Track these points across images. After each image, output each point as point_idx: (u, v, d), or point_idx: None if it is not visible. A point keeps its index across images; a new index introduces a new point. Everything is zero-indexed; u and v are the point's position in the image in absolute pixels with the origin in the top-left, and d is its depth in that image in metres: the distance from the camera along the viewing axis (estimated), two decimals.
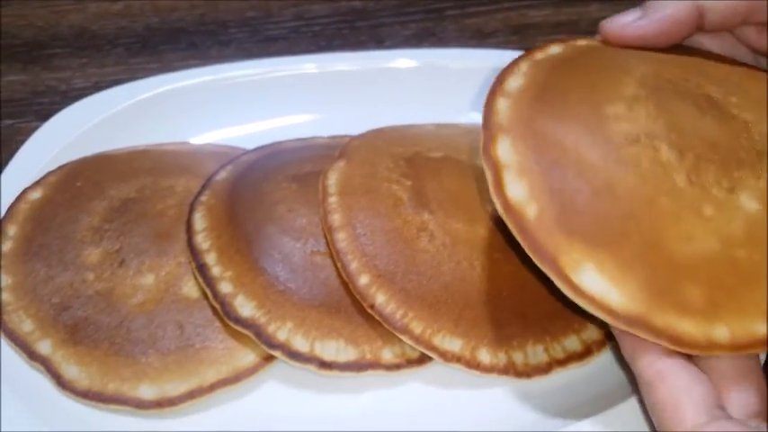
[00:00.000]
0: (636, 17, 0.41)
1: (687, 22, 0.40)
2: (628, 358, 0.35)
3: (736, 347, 0.32)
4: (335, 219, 0.45)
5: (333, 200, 0.46)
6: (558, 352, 0.43)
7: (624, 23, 0.41)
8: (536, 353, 0.43)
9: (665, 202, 0.34)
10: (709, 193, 0.34)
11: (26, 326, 0.44)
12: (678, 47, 0.41)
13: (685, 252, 0.33)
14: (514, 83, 0.39)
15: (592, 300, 0.32)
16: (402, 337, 0.42)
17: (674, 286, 0.32)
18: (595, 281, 0.33)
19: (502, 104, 0.38)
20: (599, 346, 0.44)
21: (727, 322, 0.32)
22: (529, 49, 0.41)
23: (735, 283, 0.32)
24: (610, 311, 0.32)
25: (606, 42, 0.42)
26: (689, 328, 0.32)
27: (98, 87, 0.64)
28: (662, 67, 0.39)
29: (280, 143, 0.55)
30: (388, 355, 0.43)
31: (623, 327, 0.32)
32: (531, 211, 0.34)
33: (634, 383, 0.37)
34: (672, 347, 0.32)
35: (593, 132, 0.36)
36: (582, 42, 0.43)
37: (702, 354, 0.32)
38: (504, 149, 0.36)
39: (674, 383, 0.33)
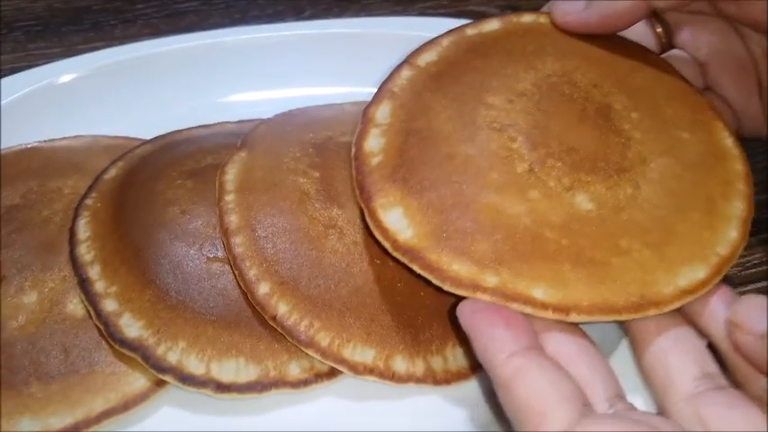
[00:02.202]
0: (581, 6, 0.41)
1: (632, 17, 0.40)
2: (480, 357, 0.33)
3: (498, 294, 0.34)
4: (232, 220, 0.40)
5: (230, 198, 0.41)
6: None
7: (566, 12, 0.41)
8: (456, 356, 0.39)
9: (495, 177, 0.37)
10: (544, 183, 0.37)
11: None
12: (630, 46, 0.43)
13: (490, 217, 0.36)
14: (428, 57, 0.42)
15: (385, 231, 0.36)
16: (308, 350, 0.37)
17: (463, 236, 0.35)
18: (398, 220, 0.36)
19: (404, 73, 0.42)
20: None
21: (500, 275, 0.34)
22: (461, 26, 0.44)
23: (527, 251, 0.35)
24: (394, 242, 0.36)
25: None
26: (459, 268, 0.34)
27: None
28: (579, 66, 0.41)
29: (180, 132, 0.50)
30: (294, 370, 0.38)
31: (399, 256, 0.35)
32: (374, 160, 0.38)
33: None
34: (437, 281, 0.34)
35: (463, 114, 0.39)
36: (523, 21, 0.44)
37: (464, 293, 0.34)
38: (383, 111, 0.40)
39: (535, 382, 0.31)
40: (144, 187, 0.44)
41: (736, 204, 0.38)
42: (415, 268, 0.35)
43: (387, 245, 0.36)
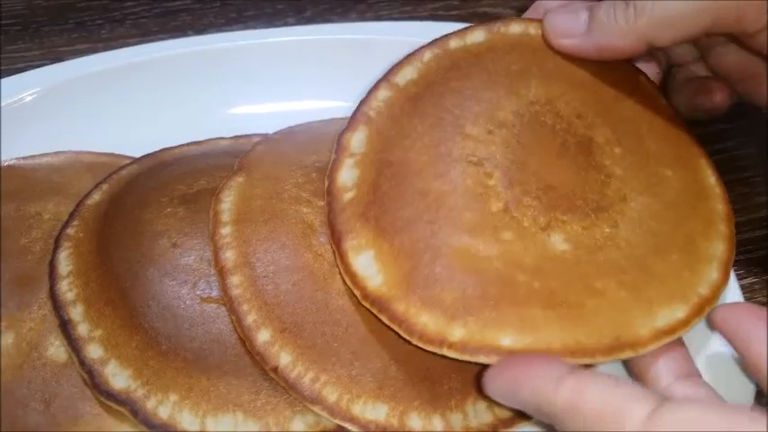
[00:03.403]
0: (579, 31, 0.39)
1: (630, 53, 0.39)
2: (531, 402, 0.31)
3: (463, 347, 0.32)
4: (229, 257, 0.37)
5: (226, 231, 0.38)
6: (504, 410, 0.35)
7: (562, 34, 0.40)
8: (478, 412, 0.35)
9: (468, 216, 0.35)
10: (519, 223, 0.35)
11: None
12: (620, 67, 0.41)
13: (462, 261, 0.34)
14: (408, 74, 0.40)
15: (354, 276, 0.34)
16: (314, 408, 0.34)
17: (433, 284, 0.34)
18: (368, 265, 0.35)
19: (382, 94, 0.40)
20: None
21: (467, 326, 0.33)
22: (446, 35, 0.41)
23: (496, 297, 0.33)
24: (363, 289, 0.34)
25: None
26: (426, 320, 0.33)
27: None
28: (564, 92, 0.39)
29: (169, 150, 0.46)
30: (298, 426, 0.35)
31: (368, 306, 0.34)
32: (347, 196, 0.37)
33: None
34: (405, 335, 0.33)
35: (440, 144, 0.37)
36: (510, 32, 0.41)
37: (431, 349, 0.33)
38: (358, 139, 0.38)
39: (599, 390, 0.29)
40: (130, 215, 0.40)
41: (717, 245, 0.37)
42: (384, 320, 0.34)
43: (356, 293, 0.34)
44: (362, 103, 0.40)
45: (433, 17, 0.60)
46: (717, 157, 0.41)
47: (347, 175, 0.37)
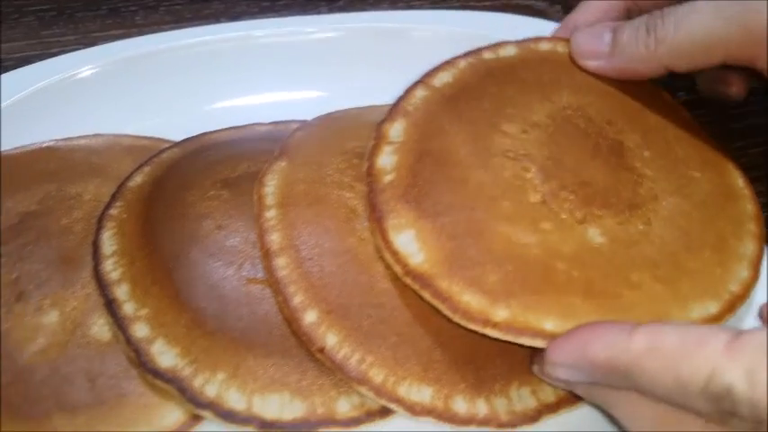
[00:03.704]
0: (603, 53, 0.41)
1: (650, 75, 0.41)
2: (587, 356, 0.31)
3: (507, 328, 0.33)
4: (274, 239, 0.37)
5: (271, 214, 0.38)
6: (548, 395, 0.36)
7: (587, 56, 0.42)
8: (522, 397, 0.36)
9: (506, 205, 0.36)
10: (557, 215, 0.36)
11: None
12: (643, 85, 0.43)
13: (502, 247, 0.35)
14: (444, 78, 0.41)
15: (395, 253, 0.35)
16: (360, 388, 0.34)
17: (475, 265, 0.34)
18: (409, 243, 0.35)
19: (419, 93, 0.41)
20: None
21: (510, 308, 0.33)
22: (478, 48, 0.43)
23: (538, 283, 0.34)
24: (404, 266, 0.34)
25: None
26: (470, 299, 0.33)
27: (2, 67, 0.54)
28: (594, 102, 0.41)
29: (209, 134, 0.46)
30: (344, 407, 0.35)
31: (410, 282, 0.34)
32: (387, 178, 0.37)
33: None
34: (447, 312, 0.33)
35: (477, 139, 0.38)
36: (540, 48, 0.43)
37: (474, 328, 0.33)
38: (396, 129, 0.39)
39: (676, 329, 0.29)
40: (174, 198, 0.40)
41: (747, 244, 0.38)
42: (426, 296, 0.34)
43: (397, 269, 0.35)
44: (400, 99, 0.41)
45: (465, 7, 0.60)
46: None
47: (386, 160, 0.38)
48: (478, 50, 0.43)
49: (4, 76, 0.49)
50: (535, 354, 0.35)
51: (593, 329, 0.31)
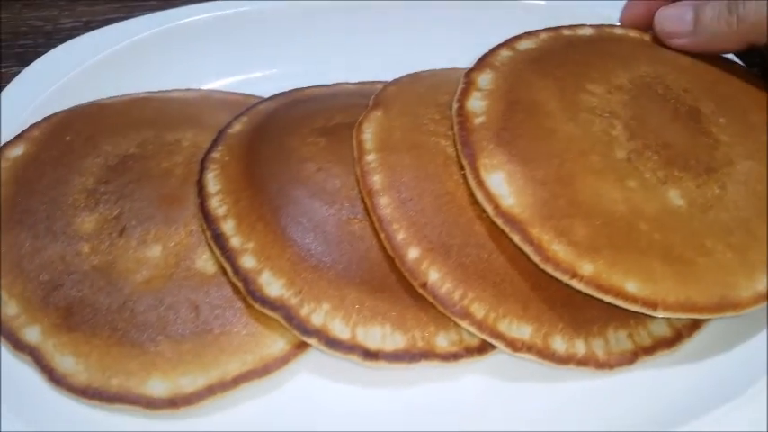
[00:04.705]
0: (686, 32, 0.43)
1: (732, 51, 0.44)
2: None
3: (592, 284, 0.34)
4: (376, 180, 0.38)
5: (371, 157, 0.39)
6: (643, 338, 0.37)
7: (672, 34, 0.44)
8: (619, 339, 0.36)
9: (595, 159, 0.37)
10: (641, 174, 0.37)
11: (10, 308, 0.37)
12: (717, 58, 0.44)
13: (591, 200, 0.36)
14: (526, 44, 0.44)
15: (487, 192, 0.36)
16: (461, 322, 0.35)
17: (564, 216, 0.35)
18: (500, 184, 0.36)
19: (504, 53, 0.43)
20: (690, 330, 0.37)
21: (596, 263, 0.34)
22: (558, 26, 0.45)
23: (623, 242, 0.35)
24: (497, 206, 0.35)
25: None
26: (558, 249, 0.34)
27: (89, 27, 0.56)
28: (670, 72, 0.43)
29: (300, 90, 0.48)
30: (443, 342, 0.36)
31: (500, 222, 0.35)
32: (478, 120, 0.38)
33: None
34: (536, 259, 0.34)
35: (565, 95, 0.40)
36: (615, 32, 0.46)
37: (560, 277, 0.34)
38: (485, 78, 0.41)
39: None
40: (275, 143, 0.41)
41: None
42: (515, 239, 0.35)
43: (488, 207, 0.36)
44: (485, 55, 0.42)
45: None
46: None
47: (476, 104, 0.39)
48: (557, 28, 0.45)
49: (90, 34, 0.51)
50: None
51: None
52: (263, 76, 0.52)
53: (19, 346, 0.36)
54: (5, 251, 0.39)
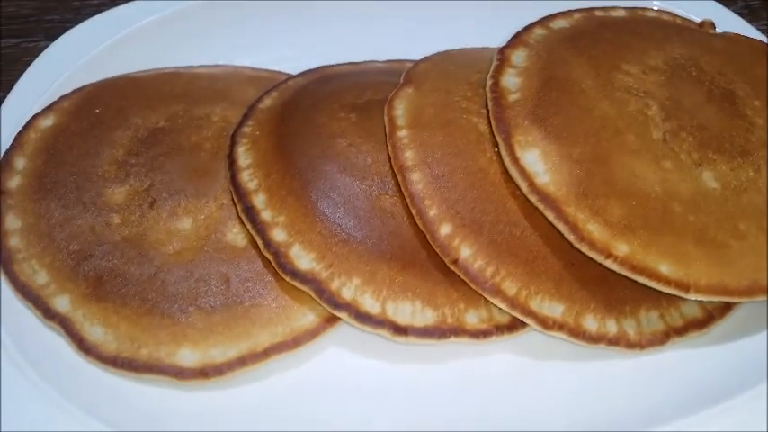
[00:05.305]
0: None
1: None
2: None
3: (627, 264, 0.34)
4: (408, 156, 0.38)
5: (403, 134, 0.39)
6: (675, 319, 0.36)
7: None
8: (650, 320, 0.36)
9: (631, 139, 0.37)
10: (676, 155, 0.37)
11: (40, 278, 0.38)
12: (750, 42, 0.45)
13: (626, 179, 0.36)
14: (560, 23, 0.44)
15: (522, 169, 0.36)
16: (493, 299, 0.35)
17: (600, 196, 0.35)
18: (535, 162, 0.36)
19: (538, 31, 0.43)
20: (721, 312, 0.37)
21: (631, 244, 0.34)
22: (590, 8, 0.45)
23: (657, 223, 0.35)
24: (531, 183, 0.35)
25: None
26: (593, 229, 0.34)
27: (116, 2, 0.55)
28: (704, 55, 0.43)
29: (330, 67, 0.47)
30: (473, 319, 0.36)
31: (534, 199, 0.35)
32: (513, 96, 0.38)
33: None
34: (571, 237, 0.34)
35: (600, 74, 0.40)
36: (647, 14, 0.46)
37: (594, 257, 0.34)
38: (519, 56, 0.41)
39: None
40: (305, 118, 0.41)
41: None
42: (549, 217, 0.35)
43: (522, 184, 0.36)
44: (519, 33, 0.42)
45: None
46: None
47: (510, 81, 0.39)
48: (590, 9, 0.45)
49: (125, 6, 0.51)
50: None
51: None
52: (291, 55, 0.52)
53: (49, 314, 0.37)
54: (35, 222, 0.39)
